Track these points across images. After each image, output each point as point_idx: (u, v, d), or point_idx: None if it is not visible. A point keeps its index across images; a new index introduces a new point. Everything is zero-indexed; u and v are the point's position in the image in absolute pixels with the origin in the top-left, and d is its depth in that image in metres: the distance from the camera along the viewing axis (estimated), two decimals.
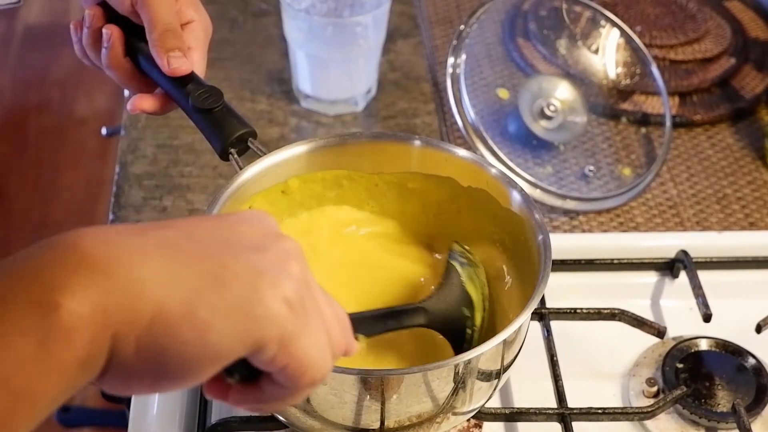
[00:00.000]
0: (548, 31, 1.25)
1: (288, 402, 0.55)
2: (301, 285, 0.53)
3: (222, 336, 0.49)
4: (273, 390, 0.54)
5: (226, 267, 0.51)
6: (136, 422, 0.84)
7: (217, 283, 0.50)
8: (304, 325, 0.52)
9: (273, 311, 0.51)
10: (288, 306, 0.51)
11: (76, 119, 2.70)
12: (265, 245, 0.53)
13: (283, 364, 0.52)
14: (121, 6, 0.80)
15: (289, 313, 0.51)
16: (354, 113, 1.22)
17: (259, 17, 1.35)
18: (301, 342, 0.52)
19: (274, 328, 0.51)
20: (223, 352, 0.50)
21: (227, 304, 0.50)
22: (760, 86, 1.25)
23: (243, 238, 0.53)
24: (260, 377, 0.54)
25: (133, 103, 0.81)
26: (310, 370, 0.53)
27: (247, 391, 0.55)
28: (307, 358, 0.52)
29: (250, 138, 0.80)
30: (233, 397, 0.55)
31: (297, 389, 0.54)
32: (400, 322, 0.73)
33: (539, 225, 0.79)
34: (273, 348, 0.51)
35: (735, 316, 0.95)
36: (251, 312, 0.50)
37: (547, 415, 0.85)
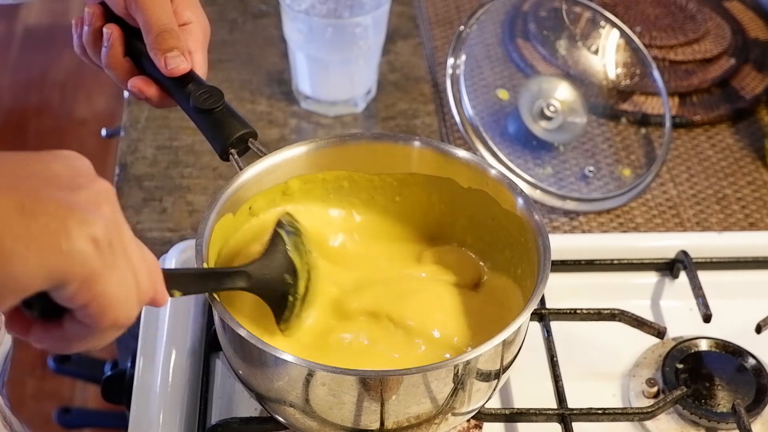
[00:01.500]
0: (548, 31, 1.25)
1: (90, 343, 0.55)
2: (110, 226, 0.53)
3: (24, 266, 0.49)
4: (74, 328, 0.54)
5: (34, 200, 0.51)
6: (136, 423, 0.84)
7: (23, 213, 0.50)
8: (109, 266, 0.52)
9: (78, 247, 0.51)
10: (95, 244, 0.51)
11: (75, 120, 2.70)
12: (79, 184, 0.53)
13: (85, 302, 0.52)
14: (117, 8, 0.80)
15: (95, 252, 0.51)
16: (354, 114, 1.22)
17: (258, 18, 1.35)
18: (105, 282, 0.52)
19: (79, 265, 0.51)
20: (23, 281, 0.50)
21: (32, 235, 0.49)
22: (760, 86, 1.25)
23: (56, 175, 0.53)
24: (63, 315, 0.54)
25: (134, 81, 0.81)
26: (111, 310, 0.53)
27: (49, 329, 0.55)
28: (108, 299, 0.53)
29: (250, 138, 0.80)
30: (34, 334, 0.55)
31: (98, 329, 0.54)
32: (221, 283, 0.73)
33: (539, 226, 0.79)
34: (75, 285, 0.51)
35: (735, 316, 0.95)
36: (56, 246, 0.50)
37: (547, 416, 0.85)
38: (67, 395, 2.07)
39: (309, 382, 0.71)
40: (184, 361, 0.88)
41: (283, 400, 0.74)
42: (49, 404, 1.95)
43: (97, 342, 0.56)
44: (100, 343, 0.56)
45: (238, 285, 0.74)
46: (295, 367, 0.71)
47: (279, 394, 0.74)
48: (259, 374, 0.75)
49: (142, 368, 0.88)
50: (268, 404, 0.77)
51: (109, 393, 0.96)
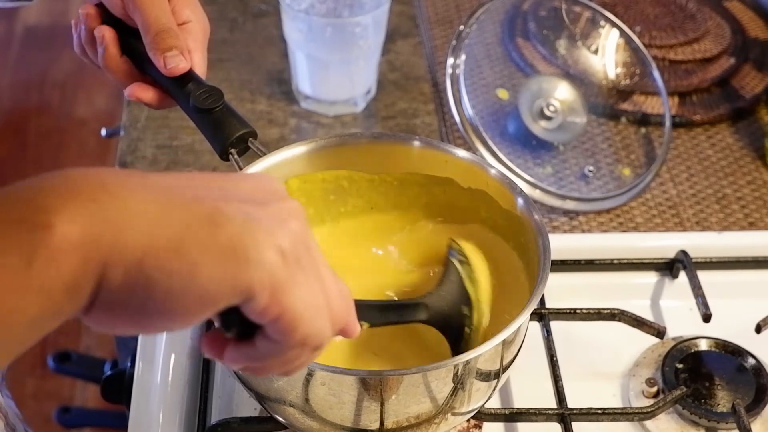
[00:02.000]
0: (548, 31, 1.25)
1: (282, 364, 0.55)
2: (298, 240, 0.52)
3: (210, 275, 0.49)
4: (266, 346, 0.53)
5: (220, 211, 0.50)
6: (136, 423, 0.84)
7: (210, 223, 0.49)
8: (297, 278, 0.51)
9: (264, 256, 0.50)
10: (282, 256, 0.51)
11: (75, 120, 2.70)
12: (266, 200, 0.53)
13: (275, 315, 0.51)
14: (115, 9, 0.80)
15: (281, 262, 0.51)
16: (354, 114, 1.22)
17: (258, 18, 1.35)
18: (294, 293, 0.51)
19: (266, 275, 0.50)
20: (210, 292, 0.49)
21: (218, 244, 0.49)
22: (759, 86, 1.25)
23: (243, 191, 0.53)
24: (255, 335, 0.53)
25: (131, 90, 0.80)
26: (302, 324, 0.52)
27: (242, 348, 0.54)
28: (299, 311, 0.52)
29: (250, 138, 0.80)
30: (228, 354, 0.55)
31: (289, 345, 0.53)
32: (401, 315, 0.73)
33: (539, 225, 0.79)
34: (264, 297, 0.50)
35: (735, 316, 0.95)
36: (243, 255, 0.49)
37: (546, 416, 0.85)
38: (67, 395, 2.07)
39: (309, 381, 0.71)
40: (183, 361, 0.88)
41: (282, 400, 0.74)
42: (49, 404, 1.95)
43: (290, 363, 0.55)
44: (291, 367, 0.56)
45: (417, 317, 0.74)
46: None
47: (279, 394, 0.74)
48: None
49: (141, 368, 0.88)
50: (267, 404, 0.77)
51: (109, 392, 0.96)
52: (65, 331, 2.18)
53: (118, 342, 1.23)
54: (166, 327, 0.50)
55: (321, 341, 0.54)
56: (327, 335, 0.55)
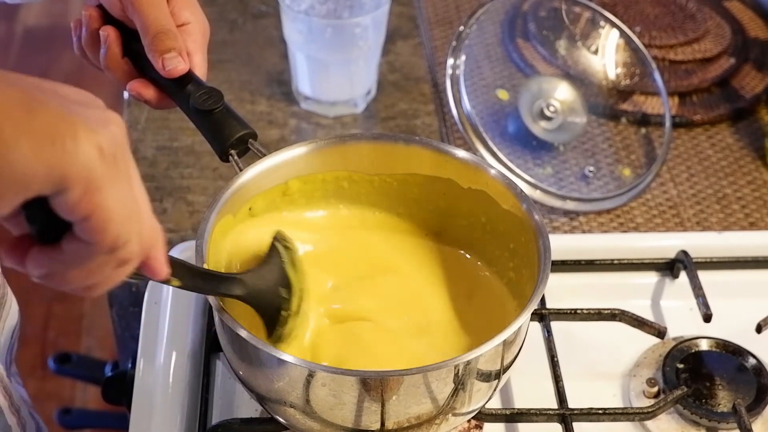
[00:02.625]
0: (548, 31, 1.25)
1: (86, 275, 0.54)
2: (117, 144, 0.51)
3: (25, 157, 0.48)
4: (73, 249, 0.52)
5: (39, 100, 0.49)
6: (137, 424, 0.84)
7: (28, 109, 0.49)
8: (113, 179, 0.51)
9: (83, 149, 0.49)
10: (99, 153, 0.50)
11: None
12: (87, 104, 0.52)
13: (87, 211, 0.50)
14: (114, 10, 0.80)
15: (99, 160, 0.50)
16: (354, 114, 1.22)
17: (258, 19, 1.35)
18: (107, 194, 0.51)
19: (82, 168, 0.49)
20: (23, 175, 0.48)
21: (34, 128, 0.48)
22: (759, 86, 1.25)
23: (64, 90, 0.52)
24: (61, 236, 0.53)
25: (132, 84, 0.81)
26: (113, 226, 0.51)
27: (47, 251, 0.53)
28: (112, 211, 0.51)
29: (250, 139, 0.80)
30: (32, 258, 0.54)
31: (98, 248, 0.52)
32: (217, 287, 0.73)
33: (539, 226, 0.79)
34: (78, 190, 0.50)
35: (735, 316, 0.95)
36: (60, 142, 0.49)
37: (547, 416, 0.85)
38: (67, 396, 2.07)
39: (309, 382, 0.71)
40: (184, 362, 0.88)
41: (283, 401, 0.74)
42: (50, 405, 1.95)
43: (95, 275, 0.54)
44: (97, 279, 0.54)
45: (233, 292, 0.74)
46: (296, 368, 0.71)
47: (279, 395, 0.74)
48: (260, 375, 0.75)
49: (142, 369, 0.88)
50: (268, 405, 0.77)
51: (110, 394, 0.96)
52: (66, 332, 2.18)
53: (119, 343, 1.23)
54: None
55: (129, 254, 0.53)
56: (135, 250, 0.54)
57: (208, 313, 0.92)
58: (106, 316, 1.31)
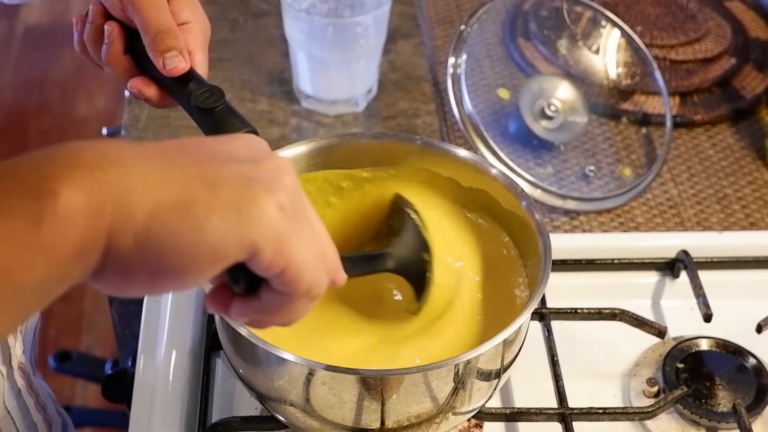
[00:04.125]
0: (549, 31, 1.25)
1: (285, 314, 0.57)
2: (294, 195, 0.54)
3: (217, 232, 0.51)
4: (272, 298, 0.55)
5: (217, 173, 0.52)
6: (137, 422, 0.84)
7: (209, 185, 0.51)
8: (297, 231, 0.54)
9: (266, 212, 0.52)
10: (281, 210, 0.53)
11: (76, 119, 2.70)
12: (258, 159, 0.55)
13: (280, 267, 0.53)
14: (114, 10, 0.80)
15: (282, 217, 0.53)
16: (355, 113, 1.22)
17: (259, 18, 1.35)
18: (296, 246, 0.53)
19: (269, 230, 0.52)
20: (218, 249, 0.51)
21: (221, 203, 0.51)
22: (760, 86, 1.25)
23: (235, 152, 0.55)
24: (260, 288, 0.55)
25: (133, 82, 0.81)
26: (305, 274, 0.54)
27: (248, 302, 0.56)
28: (302, 262, 0.54)
29: None
30: (235, 308, 0.57)
31: (294, 296, 0.55)
32: (372, 266, 0.75)
33: (540, 225, 0.79)
34: (269, 251, 0.52)
35: (735, 316, 0.95)
36: (245, 212, 0.52)
37: (547, 415, 0.85)
38: (67, 394, 2.07)
39: (309, 381, 0.71)
40: (184, 360, 0.88)
41: (283, 399, 0.74)
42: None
43: (293, 314, 0.57)
44: (295, 316, 0.58)
45: (385, 267, 0.76)
46: (296, 366, 0.71)
47: (279, 393, 0.74)
48: (260, 373, 0.75)
49: (142, 367, 0.88)
50: (268, 403, 0.77)
51: (110, 392, 0.96)
52: (66, 330, 2.18)
53: (119, 341, 1.23)
54: (179, 284, 0.52)
55: (321, 290, 0.57)
56: (325, 284, 0.57)
57: (208, 312, 0.92)
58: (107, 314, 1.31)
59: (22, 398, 0.85)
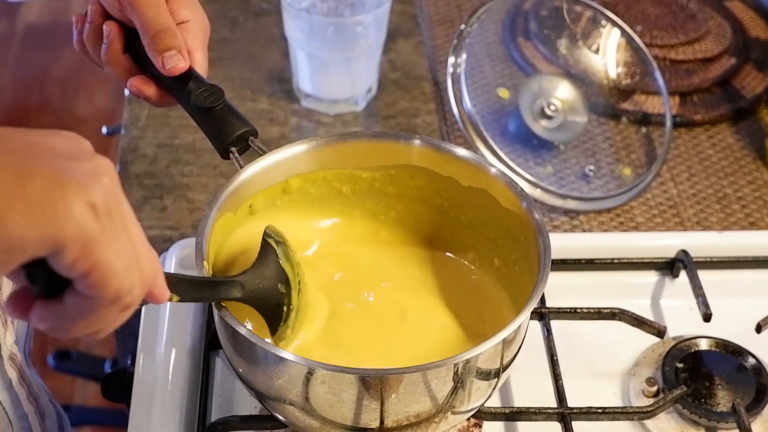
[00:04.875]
0: (549, 30, 1.25)
1: (92, 323, 0.55)
2: (110, 196, 0.53)
3: (18, 226, 0.49)
4: (76, 303, 0.53)
5: (29, 165, 0.51)
6: (136, 421, 0.84)
7: (17, 175, 0.50)
8: (108, 234, 0.52)
9: (75, 210, 0.50)
10: (93, 210, 0.51)
11: (76, 118, 2.70)
12: (77, 156, 0.53)
13: (86, 269, 0.51)
14: (113, 10, 0.80)
15: (93, 217, 0.51)
16: (354, 113, 1.22)
17: (259, 17, 1.35)
18: (106, 249, 0.52)
19: (75, 228, 0.50)
20: (15, 242, 0.49)
21: (26, 196, 0.49)
22: (760, 86, 1.25)
23: (54, 146, 0.53)
24: (63, 289, 0.53)
25: (133, 81, 0.81)
26: (112, 280, 0.52)
27: (50, 306, 0.54)
28: (111, 266, 0.52)
29: (250, 137, 0.80)
30: (36, 312, 0.55)
31: (101, 303, 0.53)
32: (216, 292, 0.73)
33: (539, 225, 0.79)
34: (74, 250, 0.51)
35: (735, 316, 0.95)
36: (52, 208, 0.50)
37: (547, 415, 0.85)
38: (66, 393, 2.07)
39: (309, 380, 0.71)
40: (184, 359, 0.88)
41: (282, 399, 0.74)
42: None
43: (99, 323, 0.55)
44: (101, 326, 0.55)
45: (233, 295, 0.73)
46: (295, 366, 0.71)
47: (279, 393, 0.74)
48: (259, 372, 0.75)
49: (142, 366, 0.88)
50: (267, 402, 0.77)
51: (109, 391, 0.96)
52: None
53: (118, 340, 1.23)
54: None
55: (131, 300, 0.55)
56: (137, 294, 0.55)
57: (207, 311, 0.92)
58: None
59: (13, 389, 0.85)
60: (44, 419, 0.89)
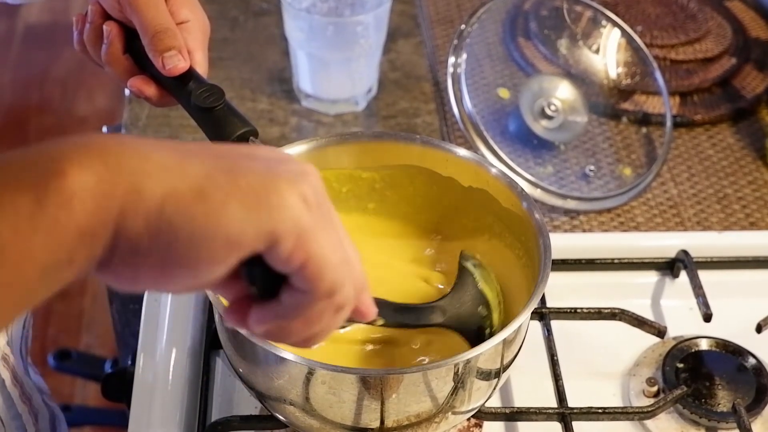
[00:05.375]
0: (549, 30, 1.25)
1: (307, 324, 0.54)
2: (318, 191, 0.53)
3: (235, 219, 0.49)
4: (293, 299, 0.53)
5: (240, 165, 0.51)
6: (137, 421, 0.84)
7: (230, 173, 0.50)
8: (320, 224, 0.52)
9: (288, 202, 0.50)
10: (304, 202, 0.51)
11: (76, 118, 2.70)
12: (284, 160, 0.53)
13: (302, 260, 0.51)
14: (113, 11, 0.80)
15: (305, 209, 0.51)
16: (355, 113, 1.22)
17: (260, 16, 1.35)
18: (318, 240, 0.51)
19: (290, 220, 0.50)
20: (234, 236, 0.49)
21: (241, 189, 0.49)
22: (760, 86, 1.25)
23: (258, 153, 0.54)
24: (279, 291, 0.53)
25: (133, 81, 0.81)
26: (328, 270, 0.52)
27: (267, 307, 0.54)
28: (325, 258, 0.52)
29: (251, 137, 0.80)
30: (254, 316, 0.55)
31: (316, 296, 0.53)
32: (418, 318, 0.74)
33: (539, 225, 0.79)
34: (289, 242, 0.50)
35: (735, 316, 0.95)
36: (266, 199, 0.50)
37: (547, 415, 0.85)
38: (67, 393, 2.07)
39: (309, 380, 0.71)
40: (184, 359, 0.88)
41: (283, 399, 0.74)
42: None
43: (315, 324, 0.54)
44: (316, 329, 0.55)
45: (433, 321, 0.74)
46: (296, 366, 0.71)
47: (279, 393, 0.74)
48: (260, 372, 0.75)
49: (142, 366, 0.88)
50: (268, 402, 0.77)
51: (110, 391, 0.96)
52: (66, 329, 2.18)
53: (118, 340, 1.23)
54: (191, 276, 0.50)
55: (344, 299, 0.54)
56: (350, 293, 0.54)
57: (208, 311, 0.92)
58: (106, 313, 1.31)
59: (6, 390, 0.84)
60: (38, 419, 0.89)
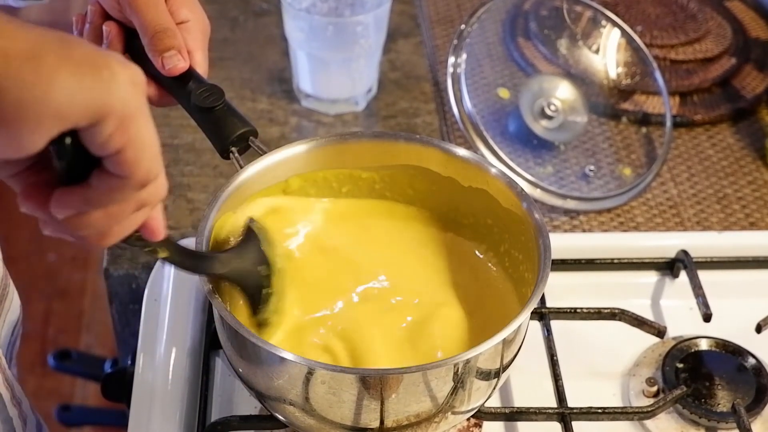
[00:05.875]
0: (549, 30, 1.25)
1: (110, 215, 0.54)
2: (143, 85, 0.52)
3: (65, 86, 0.48)
4: (104, 184, 0.52)
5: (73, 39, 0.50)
6: (136, 421, 0.84)
7: (64, 42, 0.49)
8: (144, 111, 0.51)
9: (119, 79, 0.50)
10: (133, 85, 0.51)
11: None
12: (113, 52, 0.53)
13: (121, 144, 0.51)
14: (112, 11, 0.80)
15: (133, 92, 0.51)
16: (355, 113, 1.22)
17: (260, 17, 1.35)
18: (140, 125, 0.51)
19: (119, 101, 0.50)
20: (64, 104, 0.49)
21: (74, 59, 0.49)
22: (760, 86, 1.25)
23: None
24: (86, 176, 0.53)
25: None
26: (146, 160, 0.52)
27: (72, 191, 0.53)
28: (143, 145, 0.51)
29: (251, 137, 0.80)
30: (56, 199, 0.54)
31: (130, 181, 0.52)
32: (199, 264, 0.74)
33: (539, 225, 0.79)
34: (113, 122, 0.50)
35: (735, 316, 0.95)
36: (98, 73, 0.49)
37: (547, 415, 0.85)
38: (67, 393, 2.07)
39: (309, 380, 0.71)
40: (184, 359, 0.88)
41: (282, 399, 0.74)
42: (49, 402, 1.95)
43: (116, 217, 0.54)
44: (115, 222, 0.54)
45: (216, 270, 0.75)
46: (295, 366, 0.71)
47: (279, 393, 0.74)
48: (259, 372, 0.75)
49: (142, 366, 0.88)
50: (267, 402, 0.77)
51: (109, 391, 0.96)
52: (66, 329, 2.18)
53: (118, 340, 1.23)
54: (13, 141, 0.49)
55: (151, 195, 0.54)
56: (156, 193, 0.55)
57: (207, 310, 0.92)
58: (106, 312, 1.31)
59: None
60: (26, 425, 0.89)
